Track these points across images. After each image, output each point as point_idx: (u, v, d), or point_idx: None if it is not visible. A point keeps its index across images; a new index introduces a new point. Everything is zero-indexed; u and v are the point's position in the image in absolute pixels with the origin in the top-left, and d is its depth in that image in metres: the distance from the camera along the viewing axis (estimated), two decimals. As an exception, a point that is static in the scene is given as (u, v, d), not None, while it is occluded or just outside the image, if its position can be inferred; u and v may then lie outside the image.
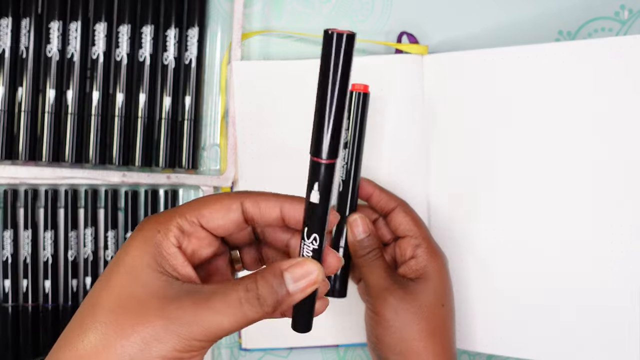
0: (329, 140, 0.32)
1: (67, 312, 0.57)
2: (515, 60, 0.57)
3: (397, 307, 0.50)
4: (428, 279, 0.52)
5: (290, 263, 0.34)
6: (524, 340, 0.57)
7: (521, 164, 0.57)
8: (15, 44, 0.56)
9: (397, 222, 0.53)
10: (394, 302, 0.50)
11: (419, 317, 0.50)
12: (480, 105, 0.58)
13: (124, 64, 0.57)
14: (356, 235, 0.52)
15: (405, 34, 0.60)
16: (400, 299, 0.51)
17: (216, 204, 0.36)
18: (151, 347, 0.31)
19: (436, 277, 0.52)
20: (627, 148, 0.55)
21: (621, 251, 0.55)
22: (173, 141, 0.58)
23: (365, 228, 0.52)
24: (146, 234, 0.34)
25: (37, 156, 0.57)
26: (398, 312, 0.50)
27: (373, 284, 0.51)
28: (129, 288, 0.32)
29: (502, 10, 0.61)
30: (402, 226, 0.53)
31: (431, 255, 0.53)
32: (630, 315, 0.55)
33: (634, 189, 0.55)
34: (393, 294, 0.51)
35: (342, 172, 0.53)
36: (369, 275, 0.52)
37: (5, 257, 0.57)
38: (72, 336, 0.33)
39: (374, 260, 0.52)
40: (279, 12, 0.61)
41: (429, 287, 0.52)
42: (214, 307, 0.32)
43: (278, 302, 0.33)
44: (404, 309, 0.50)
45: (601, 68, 0.55)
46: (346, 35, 0.30)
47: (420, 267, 0.52)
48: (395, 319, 0.50)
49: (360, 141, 0.53)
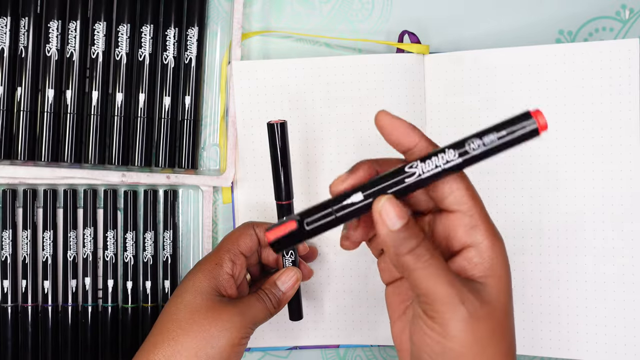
0: (283, 189, 0.52)
1: (66, 312, 0.57)
2: (515, 60, 0.57)
3: (475, 326, 0.36)
4: (497, 278, 0.38)
5: (279, 273, 0.52)
6: (535, 338, 0.57)
7: (521, 164, 0.57)
8: (14, 44, 0.56)
9: (445, 190, 0.38)
10: (470, 319, 0.36)
11: (498, 333, 0.37)
12: (480, 105, 0.58)
13: (124, 64, 0.57)
14: (390, 224, 0.37)
15: (407, 33, 0.60)
16: (477, 313, 0.37)
17: (242, 233, 0.52)
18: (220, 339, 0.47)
19: (505, 274, 0.38)
20: (627, 147, 0.55)
21: (624, 247, 0.55)
22: (173, 141, 0.58)
23: (400, 212, 0.37)
24: (205, 266, 0.50)
25: (36, 156, 0.56)
26: (475, 333, 0.36)
27: (437, 294, 0.37)
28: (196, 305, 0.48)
29: (502, 9, 0.61)
30: (453, 197, 0.38)
31: (495, 242, 0.38)
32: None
33: (636, 187, 0.55)
34: (468, 306, 0.36)
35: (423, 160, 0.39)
36: (427, 281, 0.37)
37: (4, 257, 0.57)
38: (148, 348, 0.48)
39: (429, 257, 0.37)
40: (278, 12, 0.61)
41: (501, 291, 0.38)
42: (255, 306, 0.50)
43: (280, 300, 0.51)
44: (483, 325, 0.37)
45: (601, 69, 0.56)
46: (280, 123, 0.51)
47: (484, 261, 0.38)
48: (473, 341, 0.36)
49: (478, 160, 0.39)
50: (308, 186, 0.58)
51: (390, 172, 0.38)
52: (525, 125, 0.36)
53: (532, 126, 0.36)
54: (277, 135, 0.50)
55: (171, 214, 0.59)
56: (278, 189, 0.52)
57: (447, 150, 0.37)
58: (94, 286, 0.58)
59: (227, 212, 0.60)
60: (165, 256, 0.58)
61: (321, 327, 0.59)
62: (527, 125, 0.36)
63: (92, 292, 0.58)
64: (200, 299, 0.48)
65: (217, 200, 0.60)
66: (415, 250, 0.37)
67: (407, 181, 0.37)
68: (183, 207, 0.60)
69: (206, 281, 0.49)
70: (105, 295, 0.58)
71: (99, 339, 0.58)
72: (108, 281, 0.58)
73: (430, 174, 0.37)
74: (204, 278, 0.49)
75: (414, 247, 0.37)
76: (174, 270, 0.59)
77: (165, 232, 0.59)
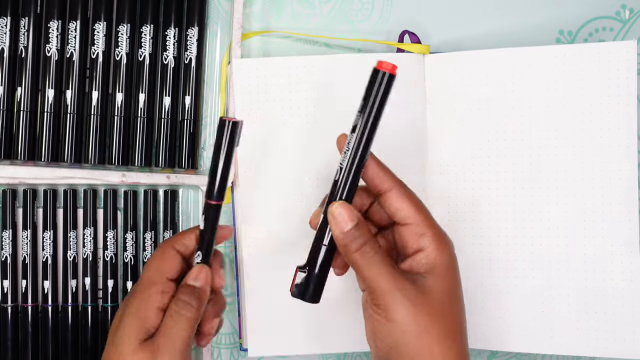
0: (216, 188, 0.47)
1: (66, 312, 0.57)
2: (515, 61, 0.57)
3: (412, 309, 0.43)
4: (440, 273, 0.45)
5: (189, 274, 0.47)
6: (525, 334, 0.57)
7: (521, 163, 0.57)
8: (14, 44, 0.56)
9: (394, 207, 0.45)
10: (408, 304, 0.43)
11: (437, 318, 0.44)
12: (480, 105, 0.58)
13: (124, 64, 0.57)
14: (342, 226, 0.44)
15: (407, 33, 0.60)
16: (415, 299, 0.43)
17: (165, 258, 0.47)
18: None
19: (449, 270, 0.45)
20: (625, 148, 0.56)
21: (619, 245, 0.55)
22: (172, 141, 0.58)
23: (351, 215, 0.44)
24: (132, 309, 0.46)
25: (36, 156, 0.56)
26: (414, 315, 0.43)
27: (379, 284, 0.43)
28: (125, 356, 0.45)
29: (503, 9, 0.61)
30: (401, 212, 0.45)
31: (440, 245, 0.45)
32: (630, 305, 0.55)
33: (633, 187, 0.55)
34: (406, 293, 0.43)
35: (342, 158, 0.45)
36: (371, 274, 0.44)
37: (4, 257, 0.57)
38: None
39: (373, 254, 0.44)
40: (278, 12, 0.61)
41: (443, 283, 0.44)
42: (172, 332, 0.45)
43: (199, 297, 0.46)
44: (420, 310, 0.43)
45: (600, 70, 0.56)
46: (232, 122, 0.45)
47: (429, 261, 0.45)
48: (411, 323, 0.43)
49: (372, 130, 0.44)
50: (308, 186, 0.58)
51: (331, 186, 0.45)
52: (381, 80, 0.43)
53: (386, 76, 0.43)
54: (226, 133, 0.47)
55: (171, 214, 0.59)
56: (211, 186, 0.47)
57: (348, 136, 0.44)
58: (94, 286, 0.58)
59: (227, 212, 0.60)
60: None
61: (326, 335, 0.59)
62: (382, 79, 0.43)
63: (92, 292, 0.58)
64: (128, 349, 0.45)
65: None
66: (362, 249, 0.44)
67: (339, 179, 0.44)
68: (183, 207, 0.60)
69: (134, 329, 0.45)
70: (105, 295, 0.58)
71: (99, 339, 0.58)
72: (108, 281, 0.58)
73: (349, 162, 0.44)
74: (132, 325, 0.45)
75: (360, 245, 0.44)
76: (174, 270, 0.59)
77: (165, 232, 0.59)
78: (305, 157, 0.58)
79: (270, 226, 0.58)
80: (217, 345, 0.60)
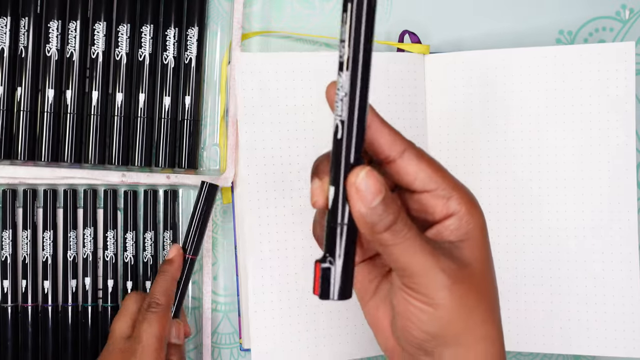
0: (190, 244, 0.55)
1: (66, 312, 0.57)
2: (515, 61, 0.57)
3: (458, 289, 0.36)
4: (475, 239, 0.38)
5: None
6: (526, 333, 0.57)
7: (521, 163, 0.57)
8: (14, 44, 0.56)
9: (410, 173, 0.37)
10: (451, 284, 0.36)
11: (481, 293, 0.38)
12: (480, 105, 0.58)
13: (124, 64, 0.57)
14: (369, 200, 0.34)
15: (407, 33, 0.60)
16: (456, 277, 0.36)
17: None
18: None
19: (482, 234, 0.38)
20: (623, 148, 0.56)
21: (619, 239, 0.55)
22: (173, 141, 0.58)
23: (377, 186, 0.34)
24: None
25: (36, 156, 0.56)
26: (461, 297, 0.36)
27: (416, 266, 0.36)
28: None
29: (503, 9, 0.61)
30: (420, 178, 0.37)
31: (471, 208, 0.38)
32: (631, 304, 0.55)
33: (631, 187, 0.55)
34: (449, 273, 0.36)
35: (338, 106, 0.34)
36: (406, 255, 0.36)
37: (4, 257, 0.57)
38: None
39: (407, 231, 0.36)
40: (279, 12, 0.61)
41: (480, 251, 0.38)
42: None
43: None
44: (466, 288, 0.37)
45: (599, 71, 0.56)
46: (210, 185, 0.54)
47: (462, 226, 0.38)
48: (460, 305, 0.36)
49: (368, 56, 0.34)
50: (309, 184, 0.58)
51: (331, 149, 0.35)
52: None
53: None
54: (203, 195, 0.55)
55: (171, 214, 0.59)
56: (186, 240, 0.56)
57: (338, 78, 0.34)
58: (94, 286, 0.58)
59: (227, 212, 0.60)
60: (165, 256, 0.58)
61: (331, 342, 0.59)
62: None
63: (92, 292, 0.58)
64: None
65: (217, 200, 0.60)
66: (394, 227, 0.35)
67: (342, 136, 0.34)
68: (183, 207, 0.60)
69: None
70: (105, 295, 0.58)
71: (99, 339, 0.58)
72: (108, 281, 0.58)
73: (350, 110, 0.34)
74: None
75: (391, 223, 0.35)
76: (174, 270, 0.59)
77: (165, 232, 0.59)
78: (305, 157, 0.58)
79: (270, 226, 0.58)
80: (217, 345, 0.60)
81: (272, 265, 0.58)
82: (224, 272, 0.60)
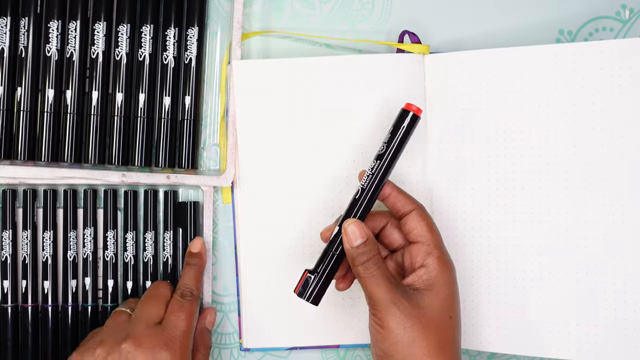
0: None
1: (66, 312, 0.57)
2: (516, 60, 0.57)
3: (405, 321, 0.48)
4: (436, 290, 0.50)
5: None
6: (525, 337, 0.57)
7: (521, 163, 0.57)
8: (14, 44, 0.56)
9: (411, 226, 0.52)
10: (401, 316, 0.48)
11: (428, 331, 0.48)
12: (480, 105, 0.58)
13: (124, 64, 0.57)
14: (352, 241, 0.49)
15: (407, 33, 0.60)
16: (408, 312, 0.48)
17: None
18: None
19: (445, 288, 0.50)
20: (628, 146, 0.55)
21: (626, 247, 0.55)
22: (173, 141, 0.58)
23: (362, 233, 0.49)
24: None
25: (36, 156, 0.56)
26: (406, 327, 0.48)
27: (377, 296, 0.49)
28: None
29: (503, 9, 0.61)
30: (416, 231, 0.51)
31: (442, 265, 0.51)
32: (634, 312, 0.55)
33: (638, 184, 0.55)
34: (400, 306, 0.48)
35: (363, 180, 0.51)
36: (371, 286, 0.49)
37: (4, 257, 0.57)
38: None
39: (375, 269, 0.49)
40: (278, 12, 0.61)
41: (437, 299, 0.50)
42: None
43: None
44: (412, 322, 0.48)
45: (602, 69, 0.56)
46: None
47: (429, 277, 0.50)
48: (403, 333, 0.48)
49: (394, 158, 0.51)
50: (308, 185, 0.58)
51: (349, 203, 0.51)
52: (407, 119, 0.51)
53: (411, 115, 0.51)
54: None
55: (171, 214, 0.59)
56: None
57: (372, 163, 0.51)
58: (94, 286, 0.58)
59: (227, 212, 0.60)
60: (165, 256, 0.58)
61: (322, 328, 0.59)
62: (408, 118, 0.51)
63: (92, 292, 0.58)
64: None
65: (217, 200, 0.60)
66: (366, 263, 0.49)
67: (358, 198, 0.51)
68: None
69: None
70: (105, 295, 0.58)
71: (99, 339, 0.58)
72: (108, 281, 0.58)
73: (370, 184, 0.51)
74: None
75: (365, 260, 0.49)
76: (174, 271, 0.58)
77: (166, 233, 0.59)
78: (305, 157, 0.58)
79: (270, 226, 0.58)
80: (217, 345, 0.60)
81: (271, 265, 0.58)
82: (224, 272, 0.60)
